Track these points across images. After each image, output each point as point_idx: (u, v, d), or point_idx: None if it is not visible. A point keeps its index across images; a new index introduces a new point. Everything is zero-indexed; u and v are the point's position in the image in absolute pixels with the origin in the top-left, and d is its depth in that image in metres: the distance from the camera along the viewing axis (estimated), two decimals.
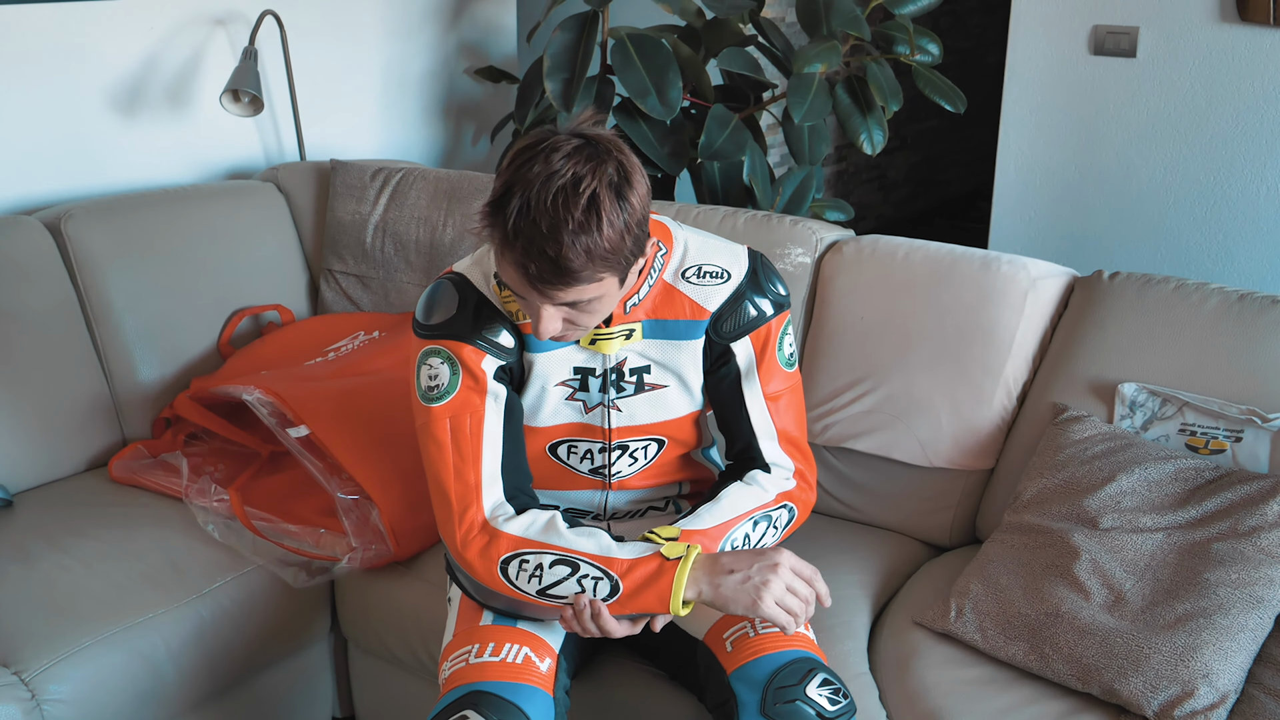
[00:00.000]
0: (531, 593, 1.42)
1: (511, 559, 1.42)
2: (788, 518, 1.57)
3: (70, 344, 2.17)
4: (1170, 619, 1.48)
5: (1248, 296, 1.75)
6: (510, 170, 1.28)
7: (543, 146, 1.28)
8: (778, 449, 1.57)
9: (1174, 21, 2.56)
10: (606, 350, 1.50)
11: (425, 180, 2.49)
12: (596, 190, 1.26)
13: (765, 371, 1.55)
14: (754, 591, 1.36)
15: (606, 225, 1.26)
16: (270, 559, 1.91)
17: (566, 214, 1.24)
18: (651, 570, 1.38)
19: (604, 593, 1.39)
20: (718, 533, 1.46)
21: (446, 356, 1.47)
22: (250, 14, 2.64)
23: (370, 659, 2.02)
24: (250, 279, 2.43)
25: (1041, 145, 2.80)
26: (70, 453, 2.15)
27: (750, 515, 1.51)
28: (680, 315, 1.51)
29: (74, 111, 2.43)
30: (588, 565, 1.40)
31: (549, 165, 1.26)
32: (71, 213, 2.23)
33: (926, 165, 5.82)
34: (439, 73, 3.12)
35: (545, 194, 1.24)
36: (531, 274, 1.27)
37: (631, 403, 1.55)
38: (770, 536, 1.54)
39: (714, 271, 1.52)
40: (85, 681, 1.67)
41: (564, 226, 1.24)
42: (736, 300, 1.52)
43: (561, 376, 1.52)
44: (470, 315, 1.47)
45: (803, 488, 1.59)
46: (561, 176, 1.25)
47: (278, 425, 1.98)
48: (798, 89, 2.42)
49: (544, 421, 1.55)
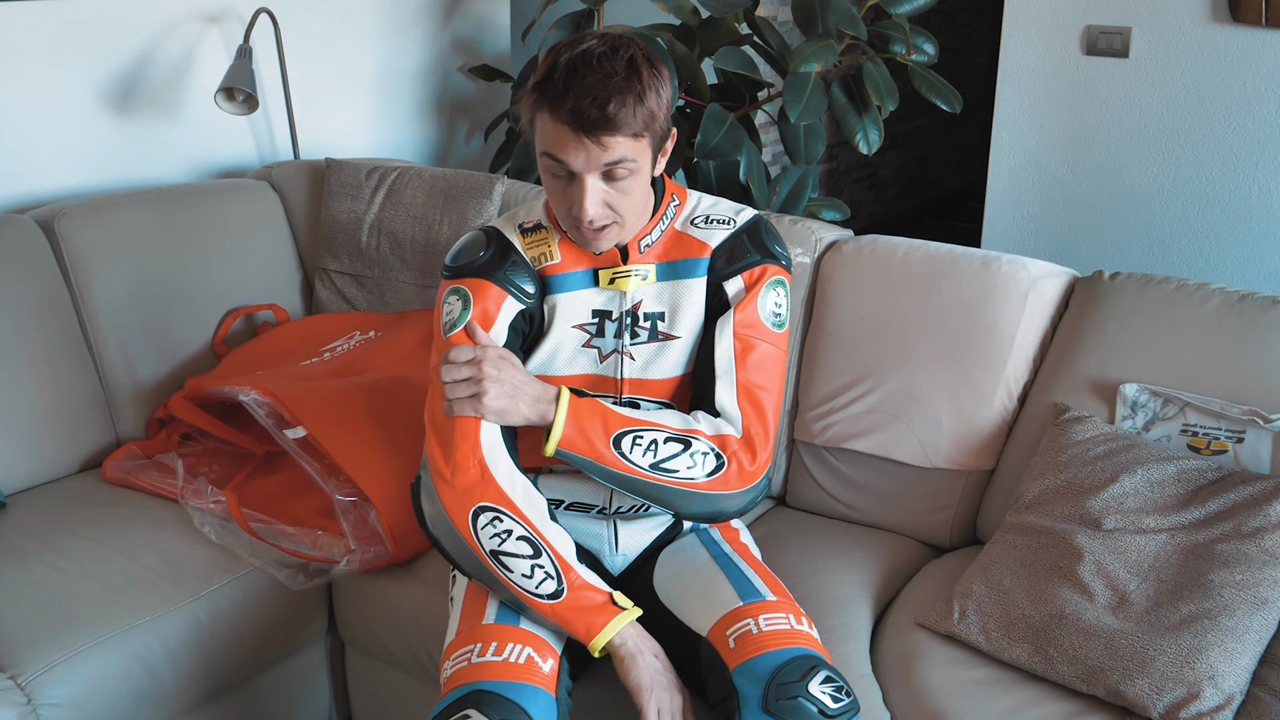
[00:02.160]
0: (485, 550, 1.46)
1: (486, 509, 1.47)
2: (714, 463, 1.51)
3: (63, 343, 2.15)
4: (1175, 620, 1.48)
5: (1249, 297, 1.76)
6: (550, 56, 1.44)
7: (574, 38, 1.46)
8: (733, 397, 1.54)
9: (1166, 22, 2.57)
10: (624, 287, 1.58)
11: (421, 179, 2.47)
12: (635, 55, 1.43)
13: (743, 308, 1.57)
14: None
15: (647, 80, 1.43)
16: (267, 560, 1.89)
17: (611, 67, 1.41)
18: (598, 602, 1.47)
19: (547, 590, 1.45)
20: (623, 420, 1.50)
21: (463, 294, 1.57)
22: (245, 11, 2.62)
23: (367, 660, 2.01)
24: (244, 278, 2.41)
25: (1034, 145, 2.81)
26: (63, 453, 2.14)
27: (668, 429, 1.50)
28: (688, 254, 1.61)
29: (68, 109, 2.40)
30: (548, 559, 1.46)
31: (581, 41, 1.44)
32: (65, 211, 2.21)
33: (917, 164, 5.83)
34: (433, 70, 3.10)
35: (590, 55, 1.42)
36: (584, 120, 1.40)
37: (644, 351, 1.59)
38: (684, 467, 1.49)
39: (720, 219, 1.64)
40: (82, 685, 1.65)
41: (610, 77, 1.40)
42: (735, 239, 1.61)
43: (580, 319, 1.59)
44: (496, 257, 1.59)
45: (743, 449, 1.52)
46: (602, 45, 1.43)
47: (274, 426, 1.96)
48: (794, 88, 2.41)
49: (560, 370, 1.60)
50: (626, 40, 1.45)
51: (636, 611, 1.49)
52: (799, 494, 2.03)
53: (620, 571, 1.68)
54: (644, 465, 1.49)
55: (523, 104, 1.47)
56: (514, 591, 1.47)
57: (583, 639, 1.46)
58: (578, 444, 1.48)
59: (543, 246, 1.60)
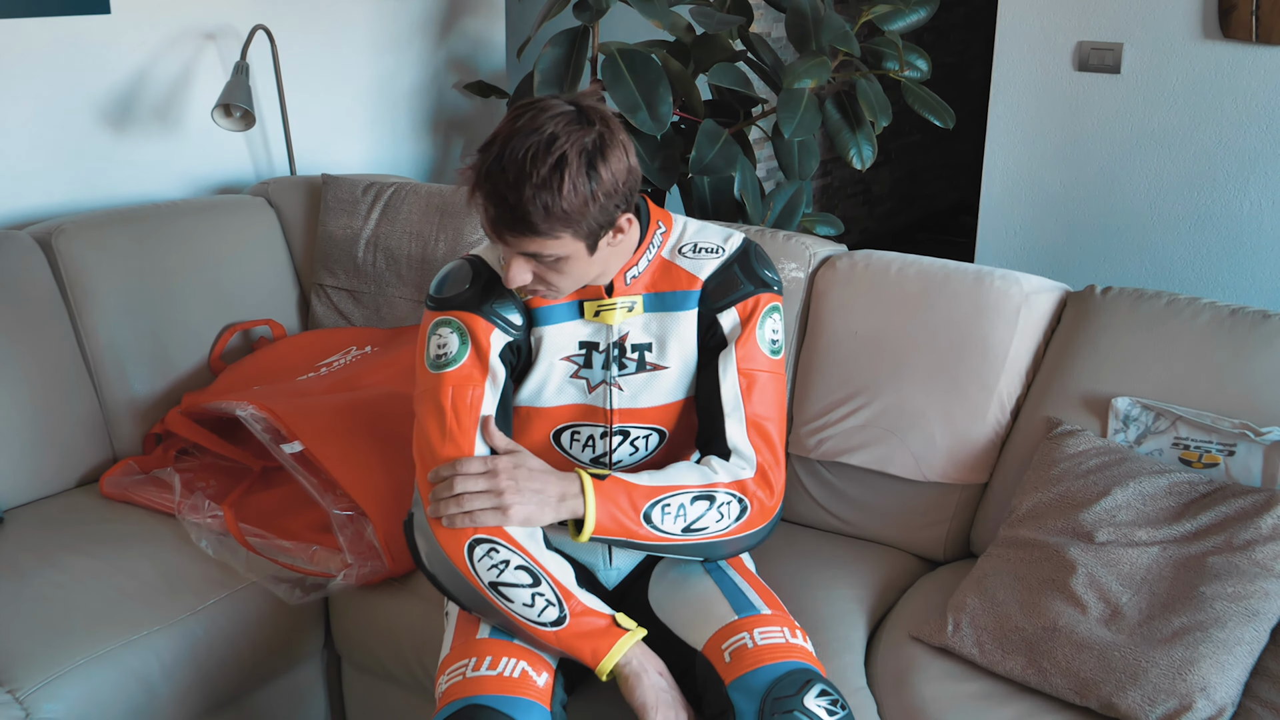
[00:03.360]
0: (484, 582, 1.45)
1: (482, 541, 1.45)
2: (737, 510, 1.52)
3: (60, 359, 2.16)
4: (1167, 633, 1.49)
5: (1239, 311, 1.77)
6: (504, 121, 1.39)
7: (536, 104, 1.39)
8: (743, 434, 1.55)
9: (1158, 38, 2.60)
10: (609, 320, 1.57)
11: (417, 195, 2.49)
12: (566, 153, 1.34)
13: (744, 344, 1.57)
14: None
15: (569, 188, 1.34)
16: (264, 576, 1.90)
17: (533, 169, 1.34)
18: (601, 626, 1.46)
19: (549, 618, 1.44)
20: (650, 492, 1.48)
21: (457, 327, 1.54)
22: (241, 29, 2.64)
23: (364, 676, 2.01)
24: (241, 294, 2.42)
25: (1027, 160, 2.83)
26: (61, 469, 2.14)
27: (691, 489, 1.50)
28: (676, 286, 1.59)
29: (66, 126, 2.42)
30: (548, 586, 1.44)
31: (534, 122, 1.36)
32: (63, 227, 2.22)
33: (910, 180, 5.86)
34: (428, 87, 3.12)
35: (520, 146, 1.35)
36: (493, 217, 1.38)
37: (633, 381, 1.58)
38: (713, 521, 1.51)
39: (709, 247, 1.61)
40: (79, 700, 1.66)
41: (528, 180, 1.34)
42: (725, 270, 1.59)
43: (567, 351, 1.57)
44: (481, 289, 1.55)
45: (760, 485, 1.54)
46: (539, 134, 1.35)
47: (271, 441, 1.97)
48: (788, 104, 2.43)
49: (549, 401, 1.59)
50: (577, 127, 1.36)
51: (641, 632, 1.49)
52: (794, 508, 2.04)
53: (615, 586, 1.69)
54: (676, 531, 1.50)
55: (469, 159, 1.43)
56: (516, 621, 1.45)
57: (589, 664, 1.46)
58: (610, 529, 1.47)
59: None
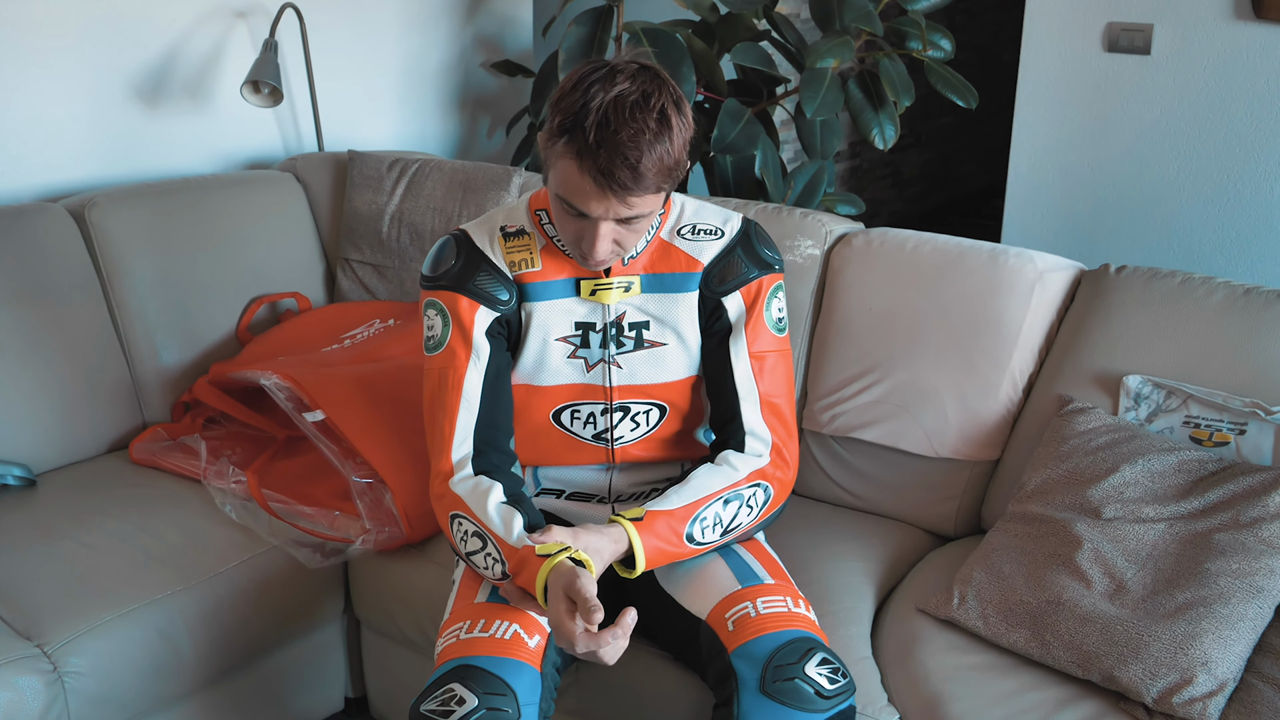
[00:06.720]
0: (463, 551, 1.52)
1: (456, 516, 1.52)
2: (763, 497, 1.58)
3: (93, 329, 2.21)
4: (1171, 608, 1.50)
5: (1253, 290, 1.77)
6: (578, 92, 1.37)
7: (604, 71, 1.38)
8: (758, 415, 1.59)
9: (1189, 19, 2.57)
10: (605, 300, 1.58)
11: (441, 171, 2.52)
12: (665, 105, 1.37)
13: (752, 329, 1.59)
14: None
15: (676, 135, 1.38)
16: (285, 540, 1.94)
17: (644, 124, 1.35)
18: (521, 559, 1.43)
19: (498, 573, 1.48)
20: (685, 513, 1.51)
21: (441, 309, 1.57)
22: (271, 6, 2.68)
23: (382, 639, 2.06)
24: (268, 267, 2.47)
25: (1055, 141, 2.81)
26: (92, 435, 2.20)
27: (719, 495, 1.54)
28: (676, 268, 1.60)
29: (99, 102, 2.47)
30: (492, 545, 1.48)
31: (616, 85, 1.36)
32: (95, 200, 2.28)
33: (940, 162, 5.82)
34: (455, 66, 3.15)
35: (623, 104, 1.35)
36: (613, 181, 1.36)
37: (631, 359, 1.60)
38: (745, 516, 1.57)
39: (708, 229, 1.62)
40: (105, 655, 1.71)
41: (643, 135, 1.35)
42: (728, 254, 1.60)
43: (563, 332, 1.59)
44: (465, 266, 1.57)
45: (778, 464, 1.59)
46: (633, 93, 1.36)
47: (294, 410, 2.01)
48: (810, 84, 2.44)
49: (547, 380, 1.61)
50: (657, 81, 1.39)
51: (558, 549, 1.41)
52: (806, 482, 2.06)
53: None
54: (717, 537, 1.55)
55: (543, 135, 1.42)
56: (491, 581, 1.51)
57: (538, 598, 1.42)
58: (657, 560, 1.50)
59: (524, 252, 1.58)
